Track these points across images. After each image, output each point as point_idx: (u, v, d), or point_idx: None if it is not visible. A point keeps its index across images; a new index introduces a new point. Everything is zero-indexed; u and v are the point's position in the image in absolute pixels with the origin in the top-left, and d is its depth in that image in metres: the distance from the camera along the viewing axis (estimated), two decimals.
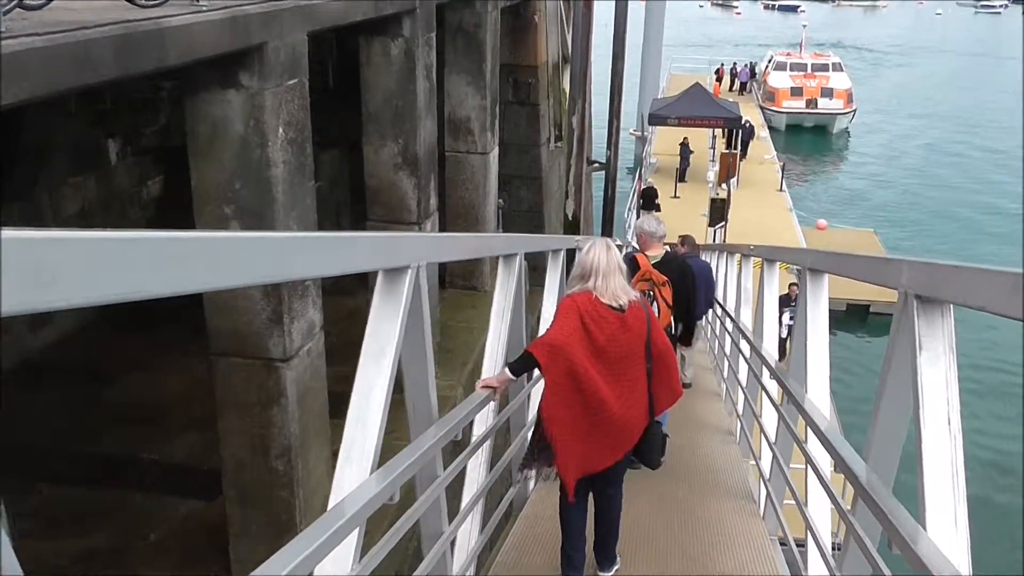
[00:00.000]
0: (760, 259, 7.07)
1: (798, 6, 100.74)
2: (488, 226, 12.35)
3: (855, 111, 41.37)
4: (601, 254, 3.96)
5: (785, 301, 11.99)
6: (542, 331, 5.91)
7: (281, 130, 5.66)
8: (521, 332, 5.16)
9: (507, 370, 4.02)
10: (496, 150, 12.39)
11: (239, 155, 5.58)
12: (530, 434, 4.48)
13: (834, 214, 27.55)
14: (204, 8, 4.86)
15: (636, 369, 3.96)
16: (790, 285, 13.09)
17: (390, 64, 8.40)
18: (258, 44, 5.29)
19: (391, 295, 2.67)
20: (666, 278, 5.44)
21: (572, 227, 16.01)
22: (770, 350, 6.27)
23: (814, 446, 4.02)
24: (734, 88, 45.95)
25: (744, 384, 7.03)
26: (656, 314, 4.92)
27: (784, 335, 10.99)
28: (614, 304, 3.89)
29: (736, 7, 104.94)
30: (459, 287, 12.61)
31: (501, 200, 13.64)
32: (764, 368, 5.74)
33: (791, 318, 10.85)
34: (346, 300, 9.30)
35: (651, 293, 5.37)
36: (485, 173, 11.95)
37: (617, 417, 3.89)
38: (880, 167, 36.85)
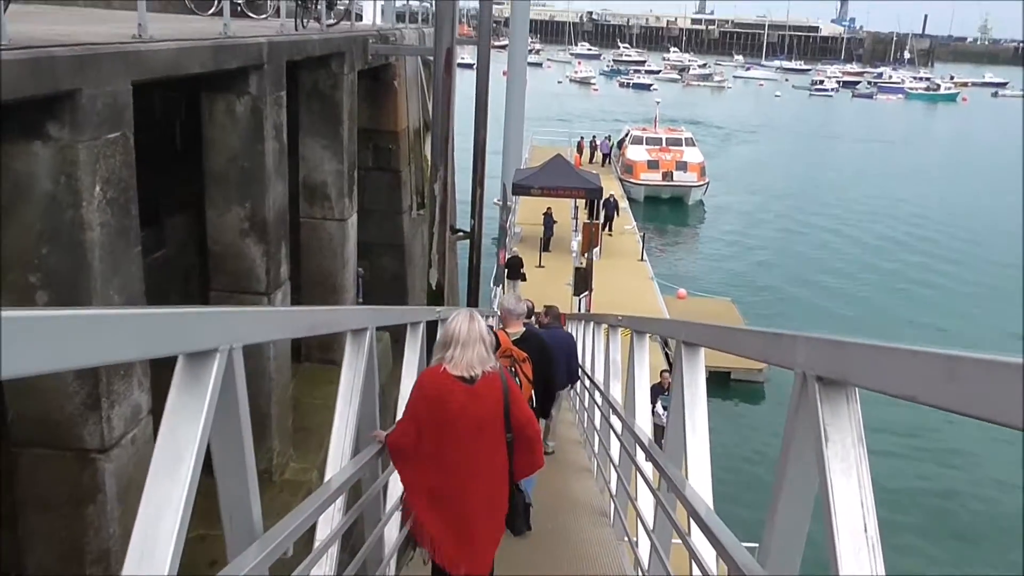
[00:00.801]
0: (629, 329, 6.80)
1: (651, 84, 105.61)
2: (346, 295, 11.73)
3: (708, 184, 43.12)
4: (463, 324, 3.93)
5: (657, 390, 11.31)
6: (400, 412, 5.44)
7: (99, 188, 4.96)
8: (374, 415, 4.62)
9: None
10: (354, 216, 11.86)
11: (47, 216, 4.85)
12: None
13: (693, 284, 28.20)
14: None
15: (494, 440, 3.92)
16: (661, 372, 12.36)
17: (235, 122, 7.80)
18: (69, 91, 4.62)
19: (192, 387, 2.11)
20: (526, 354, 5.40)
21: (436, 297, 15.52)
22: (643, 426, 5.94)
23: (698, 538, 3.65)
24: (594, 160, 47.22)
25: (616, 461, 6.66)
26: (519, 388, 4.90)
27: (663, 423, 10.45)
28: (466, 375, 3.85)
29: (594, 84, 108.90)
30: (316, 360, 11.86)
31: (361, 269, 13.06)
32: (638, 447, 5.39)
33: (664, 407, 10.40)
34: None
35: (513, 369, 5.30)
36: (343, 240, 11.38)
37: (470, 487, 3.83)
38: (733, 238, 38.31)
